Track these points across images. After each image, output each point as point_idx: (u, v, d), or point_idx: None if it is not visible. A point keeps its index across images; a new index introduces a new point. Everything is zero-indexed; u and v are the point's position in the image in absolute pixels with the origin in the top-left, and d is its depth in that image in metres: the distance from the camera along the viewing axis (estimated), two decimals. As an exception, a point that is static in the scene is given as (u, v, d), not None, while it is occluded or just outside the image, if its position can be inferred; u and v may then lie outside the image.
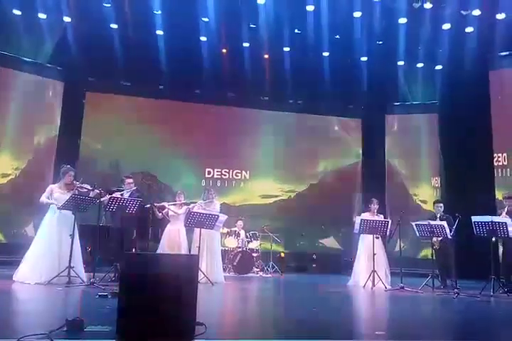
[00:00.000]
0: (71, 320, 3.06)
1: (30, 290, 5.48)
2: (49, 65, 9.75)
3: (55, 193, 6.23)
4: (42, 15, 9.10)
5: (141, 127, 10.64)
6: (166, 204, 7.66)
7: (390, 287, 7.03)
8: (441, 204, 7.63)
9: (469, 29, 9.24)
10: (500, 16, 8.79)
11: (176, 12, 9.10)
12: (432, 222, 7.04)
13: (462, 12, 8.92)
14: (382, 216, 7.79)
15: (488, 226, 6.37)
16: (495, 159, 9.46)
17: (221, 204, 7.82)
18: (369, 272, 7.17)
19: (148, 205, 7.15)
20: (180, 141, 11.00)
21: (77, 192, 6.06)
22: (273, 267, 9.73)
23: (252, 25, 9.63)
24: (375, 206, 7.73)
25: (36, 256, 5.94)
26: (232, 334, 3.47)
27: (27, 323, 3.56)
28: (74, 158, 9.35)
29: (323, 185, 11.67)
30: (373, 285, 7.02)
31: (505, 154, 9.35)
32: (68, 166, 6.43)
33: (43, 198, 6.22)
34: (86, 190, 6.24)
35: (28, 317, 3.83)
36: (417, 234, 7.10)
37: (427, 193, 10.91)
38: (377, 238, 7.34)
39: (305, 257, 10.84)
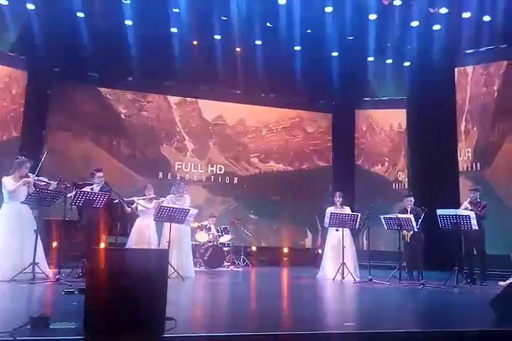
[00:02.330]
0: (35, 317, 2.97)
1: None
2: (11, 54, 9.36)
3: (9, 186, 5.96)
4: (3, 2, 8.71)
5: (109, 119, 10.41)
6: (135, 198, 7.51)
7: (359, 279, 7.16)
8: (412, 198, 7.78)
9: (437, 27, 9.45)
10: (466, 15, 9.03)
11: (145, 1, 8.89)
12: (400, 215, 7.22)
13: (430, 10, 9.11)
14: (348, 208, 7.88)
15: (453, 219, 6.57)
16: (459, 154, 9.75)
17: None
18: (338, 265, 7.28)
19: (116, 200, 7.01)
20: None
21: (32, 184, 5.85)
22: (244, 261, 9.75)
23: (223, 18, 9.54)
24: (338, 199, 7.82)
25: (-1, 251, 5.73)
26: (202, 328, 3.46)
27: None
28: (38, 150, 9.03)
29: (294, 178, 11.74)
30: (342, 277, 7.14)
31: (469, 149, 9.65)
32: (24, 158, 6.15)
33: (10, 187, 5.89)
34: (44, 183, 6.02)
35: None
36: (385, 227, 7.27)
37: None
38: (337, 230, 7.47)
39: (276, 251, 10.90)
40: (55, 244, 7.34)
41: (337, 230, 7.49)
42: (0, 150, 9.10)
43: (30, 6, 8.91)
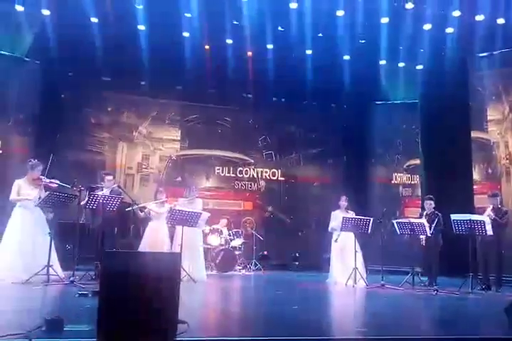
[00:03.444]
0: (50, 319, 2.99)
1: (6, 289, 5.35)
2: (27, 59, 9.51)
3: (23, 189, 6.07)
4: (19, 8, 8.86)
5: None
6: (147, 204, 7.54)
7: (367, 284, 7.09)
8: (431, 202, 7.54)
9: (450, 30, 9.38)
10: (480, 18, 8.95)
11: (158, 7, 8.97)
12: (412, 220, 7.14)
13: (406, 6, 8.98)
14: (353, 213, 7.80)
15: (467, 225, 6.48)
16: (473, 159, 9.63)
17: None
18: (345, 269, 7.23)
19: (130, 208, 7.03)
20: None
21: (43, 188, 5.94)
22: (255, 265, 9.74)
23: (235, 22, 9.59)
24: (343, 202, 7.77)
25: (11, 254, 5.80)
26: (215, 331, 3.46)
27: (5, 323, 3.46)
28: (48, 155, 9.12)
29: (306, 184, 11.74)
30: (355, 282, 7.08)
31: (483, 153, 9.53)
32: (36, 161, 6.27)
33: (14, 196, 6.05)
34: (56, 186, 6.11)
35: (5, 317, 3.74)
36: (398, 232, 7.20)
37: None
38: (336, 241, 7.42)
39: (288, 255, 10.85)
40: (68, 247, 7.40)
41: (336, 241, 7.48)
42: (15, 153, 9.26)
43: (46, 12, 9.05)
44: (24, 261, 5.75)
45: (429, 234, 6.99)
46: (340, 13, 9.24)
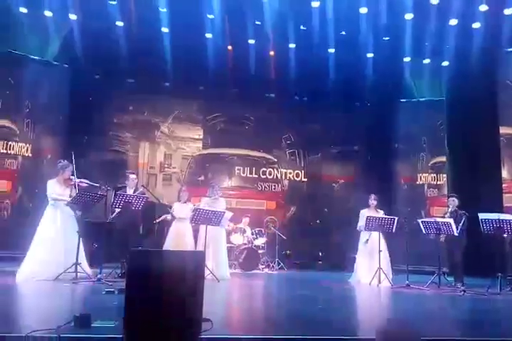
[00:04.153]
0: (78, 315, 3.08)
1: (37, 286, 5.53)
2: (56, 63, 9.78)
3: (57, 189, 6.25)
4: (48, 13, 9.13)
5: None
6: (172, 205, 7.70)
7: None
8: (454, 199, 7.37)
9: (476, 25, 9.15)
10: (508, 11, 8.71)
11: (181, 9, 9.09)
12: (439, 219, 7.01)
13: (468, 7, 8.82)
14: (382, 211, 7.75)
15: (495, 224, 6.33)
16: (502, 156, 9.38)
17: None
18: (372, 269, 7.17)
19: (165, 216, 7.23)
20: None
21: (76, 188, 6.11)
22: (279, 264, 9.75)
23: (257, 22, 9.61)
24: (372, 201, 7.71)
25: (44, 252, 5.98)
26: (238, 330, 3.49)
27: (35, 318, 3.59)
28: (82, 155, 9.36)
29: (329, 183, 11.68)
30: (379, 282, 7.01)
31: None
32: (66, 161, 6.45)
33: (54, 195, 6.24)
34: (86, 185, 6.27)
35: (36, 313, 3.88)
36: (423, 232, 7.08)
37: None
38: (366, 243, 7.32)
39: (311, 254, 10.82)
40: (95, 245, 7.59)
41: (366, 242, 7.42)
42: (46, 155, 9.55)
43: (73, 17, 9.30)
44: (55, 258, 5.93)
45: (455, 234, 6.85)
46: (363, 10, 9.14)
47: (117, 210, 6.64)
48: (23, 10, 8.94)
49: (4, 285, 5.48)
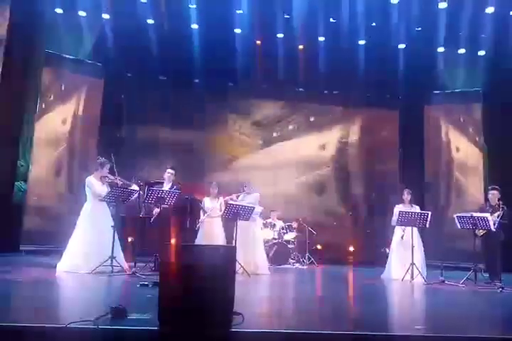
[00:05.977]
0: (115, 307, 3.18)
1: (77, 278, 5.73)
2: (89, 61, 10.03)
3: (97, 187, 6.46)
4: (82, 13, 9.37)
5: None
6: (203, 200, 7.81)
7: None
8: (494, 192, 7.12)
9: (514, 12, 8.79)
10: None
11: (210, 5, 9.14)
12: (475, 214, 6.81)
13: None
14: (417, 207, 7.61)
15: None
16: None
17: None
18: (403, 264, 7.06)
19: (204, 217, 7.41)
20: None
21: (119, 184, 6.29)
22: (309, 259, 9.73)
23: (286, 16, 9.54)
24: (406, 196, 7.57)
25: (82, 245, 6.20)
26: (269, 324, 3.52)
27: (75, 310, 3.74)
28: (115, 153, 9.58)
29: (362, 178, 11.55)
30: (412, 278, 6.90)
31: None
32: (104, 159, 6.63)
33: (99, 191, 6.44)
34: (121, 182, 6.44)
35: (75, 305, 4.03)
36: (459, 226, 6.90)
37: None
38: (402, 238, 7.17)
39: (342, 249, 10.73)
40: (130, 239, 7.80)
41: (402, 238, 7.28)
42: (81, 152, 9.85)
43: (105, 16, 9.51)
44: (93, 252, 6.14)
45: (493, 229, 6.64)
46: (394, 0, 8.93)
47: (157, 210, 6.79)
48: (59, 10, 9.21)
49: (45, 278, 5.71)
